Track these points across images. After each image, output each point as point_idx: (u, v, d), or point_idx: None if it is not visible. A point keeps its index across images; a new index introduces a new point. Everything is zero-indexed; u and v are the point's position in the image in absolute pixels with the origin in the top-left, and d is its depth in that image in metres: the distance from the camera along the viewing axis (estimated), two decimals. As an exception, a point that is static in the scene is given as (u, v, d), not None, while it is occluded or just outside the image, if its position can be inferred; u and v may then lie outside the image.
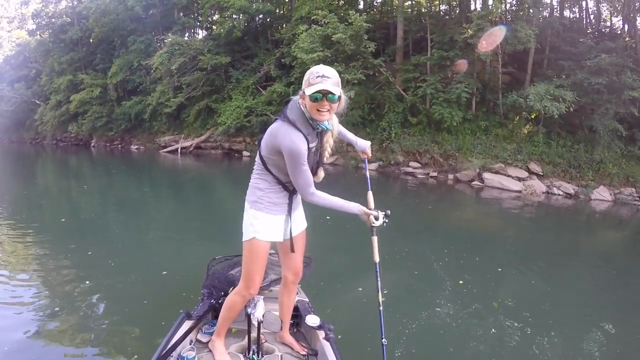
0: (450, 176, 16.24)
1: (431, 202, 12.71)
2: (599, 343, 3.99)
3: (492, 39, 15.50)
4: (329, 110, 2.28)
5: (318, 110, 2.26)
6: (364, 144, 3.06)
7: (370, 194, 2.74)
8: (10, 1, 49.22)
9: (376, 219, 2.49)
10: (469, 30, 16.45)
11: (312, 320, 2.83)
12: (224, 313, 2.71)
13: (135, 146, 28.75)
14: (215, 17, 28.36)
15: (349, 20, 17.26)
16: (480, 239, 8.22)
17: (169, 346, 2.55)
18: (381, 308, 2.56)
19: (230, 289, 3.11)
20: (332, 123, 2.48)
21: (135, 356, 3.46)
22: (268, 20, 26.45)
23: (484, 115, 17.86)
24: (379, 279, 2.58)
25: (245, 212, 2.56)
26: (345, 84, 17.03)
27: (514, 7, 19.63)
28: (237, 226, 2.59)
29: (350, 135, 3.02)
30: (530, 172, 15.19)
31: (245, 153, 22.77)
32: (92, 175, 17.22)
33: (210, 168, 20.43)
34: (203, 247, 6.32)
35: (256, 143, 2.65)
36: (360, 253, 2.62)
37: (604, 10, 21.19)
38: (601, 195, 13.71)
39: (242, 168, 18.47)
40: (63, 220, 8.76)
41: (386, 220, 2.53)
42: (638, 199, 13.65)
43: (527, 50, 16.71)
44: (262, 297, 2.72)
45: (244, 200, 2.60)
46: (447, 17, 21.62)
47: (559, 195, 14.09)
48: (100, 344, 3.68)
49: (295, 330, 3.17)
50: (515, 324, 4.28)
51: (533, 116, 16.71)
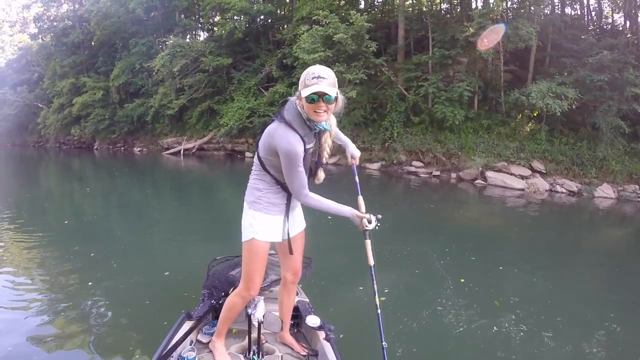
0: (453, 175, 16.21)
1: (434, 201, 12.68)
2: (600, 342, 3.98)
3: (492, 36, 15.46)
4: (325, 111, 2.27)
5: (315, 111, 2.25)
6: (355, 150, 3.04)
7: (360, 199, 2.73)
8: (12, 5, 49.55)
9: (369, 222, 2.49)
10: (470, 28, 16.44)
11: (313, 320, 2.83)
12: (224, 314, 2.71)
13: (138, 148, 28.82)
14: (217, 19, 28.33)
15: (350, 20, 17.24)
16: (482, 238, 8.20)
17: (170, 347, 2.56)
18: (379, 311, 2.53)
19: (231, 289, 3.11)
20: (330, 123, 2.48)
21: (137, 356, 3.47)
22: (269, 21, 26.47)
23: (486, 113, 17.81)
24: (375, 282, 2.56)
25: (244, 213, 2.56)
26: (347, 84, 17.04)
27: (515, 5, 19.61)
28: (240, 227, 2.59)
29: (344, 137, 3.00)
30: (533, 170, 15.14)
31: (247, 154, 22.78)
32: (95, 178, 17.27)
33: (213, 169, 20.46)
34: (206, 248, 6.32)
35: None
36: (361, 253, 2.59)
37: (606, 7, 21.16)
38: (604, 193, 13.65)
39: (245, 169, 18.33)
40: (66, 222, 8.79)
41: (378, 224, 2.52)
42: (642, 196, 13.57)
43: (529, 48, 16.66)
44: (263, 298, 2.72)
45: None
46: (448, 16, 21.61)
47: (562, 193, 14.04)
48: (102, 344, 3.70)
49: (295, 330, 3.17)
50: (517, 323, 4.26)
51: (535, 114, 16.65)
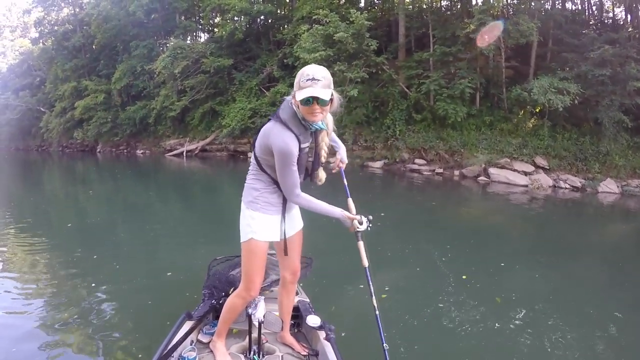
0: (456, 172, 16.19)
1: (436, 199, 12.65)
2: (603, 340, 3.94)
3: (491, 33, 15.43)
4: (320, 112, 2.27)
5: (310, 113, 2.25)
6: (345, 154, 3.02)
7: (350, 201, 2.72)
8: (13, 10, 49.71)
9: (360, 223, 2.48)
10: (470, 25, 16.41)
11: (313, 320, 2.81)
12: (224, 315, 2.70)
13: (141, 151, 28.92)
14: (217, 20, 28.39)
15: (350, 19, 17.23)
16: (484, 235, 8.17)
17: (170, 347, 2.56)
18: (377, 312, 2.48)
19: (231, 289, 3.10)
20: (327, 121, 2.47)
21: (140, 355, 3.47)
22: (269, 21, 26.52)
23: (488, 110, 17.78)
24: (371, 284, 2.53)
25: (242, 213, 2.56)
26: (349, 82, 17.06)
27: (515, 1, 19.53)
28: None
29: (338, 141, 2.98)
30: (537, 166, 15.09)
31: (250, 154, 22.73)
32: (98, 181, 17.31)
33: (215, 170, 20.49)
34: (208, 249, 6.32)
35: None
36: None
37: (606, 1, 21.02)
38: (608, 188, 13.59)
39: (248, 169, 18.42)
40: (69, 225, 8.83)
41: (370, 225, 2.51)
42: (646, 190, 13.51)
43: (530, 43, 16.61)
44: (263, 298, 2.71)
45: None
46: (449, 13, 21.61)
47: (566, 188, 13.99)
48: (104, 344, 3.70)
49: (296, 330, 3.16)
50: (518, 319, 4.24)
51: (538, 110, 16.60)
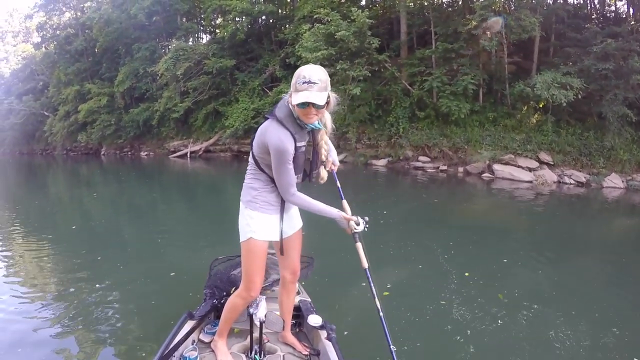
0: (460, 169, 16.13)
1: (440, 196, 12.61)
2: (607, 336, 3.90)
3: (491, 28, 15.40)
4: (316, 114, 2.28)
5: (305, 115, 2.26)
6: (336, 157, 3.01)
7: (345, 202, 2.72)
8: (15, 15, 50.01)
9: (357, 224, 2.48)
10: (472, 21, 16.35)
11: (314, 320, 2.82)
12: (225, 314, 2.71)
13: (145, 152, 29.00)
14: (218, 21, 28.44)
15: (352, 17, 17.19)
16: (487, 231, 8.13)
17: (171, 346, 2.57)
18: (381, 314, 2.44)
19: (233, 289, 3.11)
20: (325, 121, 2.48)
21: (144, 354, 3.48)
22: (271, 21, 26.52)
23: (492, 106, 17.69)
24: (372, 285, 2.50)
25: (241, 213, 2.56)
26: (351, 81, 17.04)
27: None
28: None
29: (329, 142, 2.97)
30: (541, 162, 15.01)
31: (251, 154, 22.79)
32: (102, 183, 17.36)
33: (219, 171, 20.53)
34: (212, 249, 6.34)
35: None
36: (364, 251, 2.58)
37: (608, -5, 20.90)
38: (613, 183, 13.51)
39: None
40: (74, 227, 8.85)
41: (367, 226, 2.52)
42: (650, 185, 13.40)
43: (532, 38, 16.54)
44: (264, 297, 2.71)
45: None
46: (450, 9, 21.46)
47: (571, 184, 13.92)
48: (108, 344, 3.72)
49: (297, 330, 3.17)
50: (521, 316, 4.22)
51: (541, 105, 16.52)
